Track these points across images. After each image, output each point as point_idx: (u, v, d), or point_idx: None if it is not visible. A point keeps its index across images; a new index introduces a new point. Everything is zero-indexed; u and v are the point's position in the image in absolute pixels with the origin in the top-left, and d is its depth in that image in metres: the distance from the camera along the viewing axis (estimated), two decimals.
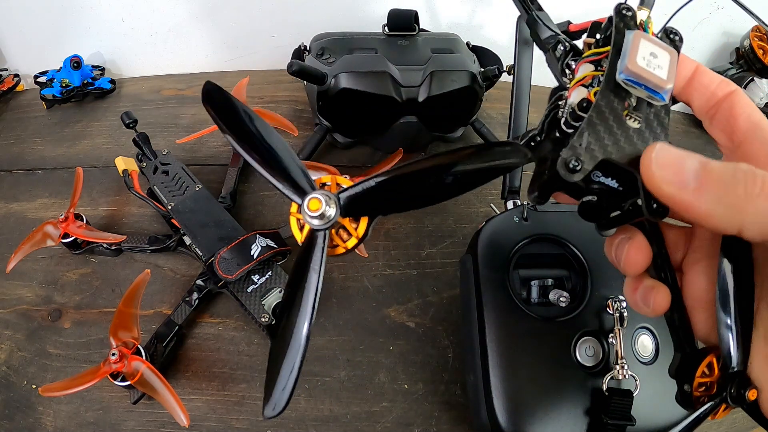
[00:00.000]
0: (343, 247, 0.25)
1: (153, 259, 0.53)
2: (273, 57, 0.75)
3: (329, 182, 0.26)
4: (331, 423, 0.44)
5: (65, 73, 0.68)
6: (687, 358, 0.24)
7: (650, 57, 0.21)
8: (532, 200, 0.25)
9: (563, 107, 0.23)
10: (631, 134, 0.22)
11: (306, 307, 0.23)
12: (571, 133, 0.22)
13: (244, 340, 0.48)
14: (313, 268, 0.23)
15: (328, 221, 0.23)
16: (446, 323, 0.50)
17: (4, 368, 0.46)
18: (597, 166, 0.21)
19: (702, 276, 0.24)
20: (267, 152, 0.26)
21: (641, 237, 0.24)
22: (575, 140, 0.21)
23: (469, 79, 0.57)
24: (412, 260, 0.54)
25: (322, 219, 0.23)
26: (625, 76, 0.21)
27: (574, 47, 0.26)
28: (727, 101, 0.23)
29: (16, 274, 0.51)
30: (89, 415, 0.44)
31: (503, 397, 0.36)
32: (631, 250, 0.24)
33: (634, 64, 0.21)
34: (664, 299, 0.24)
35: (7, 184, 0.60)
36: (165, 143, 0.60)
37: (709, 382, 0.23)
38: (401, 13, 0.60)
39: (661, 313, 0.24)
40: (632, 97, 0.22)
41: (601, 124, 0.21)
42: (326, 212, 0.23)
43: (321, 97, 0.57)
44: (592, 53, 0.23)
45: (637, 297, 0.25)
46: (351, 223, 0.24)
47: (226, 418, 0.44)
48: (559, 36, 0.28)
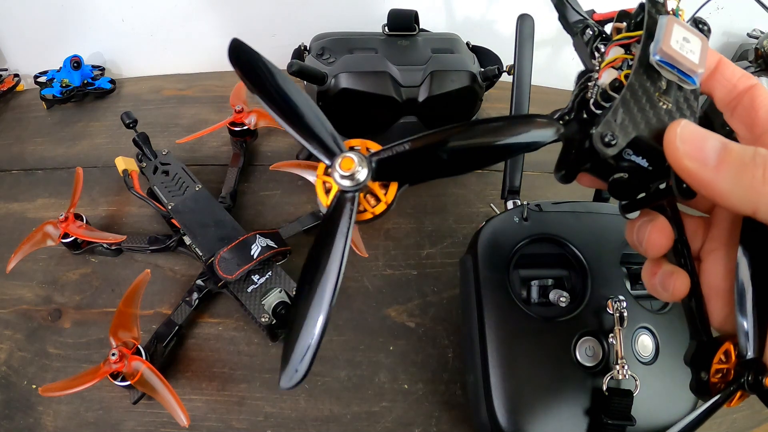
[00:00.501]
0: (371, 213, 0.24)
1: (153, 259, 0.53)
2: (273, 57, 0.74)
3: (359, 146, 0.25)
4: (331, 423, 0.44)
5: (65, 73, 0.68)
6: (703, 345, 0.24)
7: (683, 41, 0.22)
8: (559, 179, 0.25)
9: (592, 88, 0.24)
10: (662, 115, 0.22)
11: (331, 272, 0.22)
12: (601, 113, 0.22)
13: (244, 340, 0.48)
14: (341, 232, 0.22)
15: (359, 184, 0.22)
16: (446, 323, 0.50)
17: (4, 368, 0.46)
18: (629, 143, 0.22)
19: (719, 264, 0.25)
20: (296, 112, 0.25)
21: (663, 219, 0.25)
22: (610, 116, 0.22)
23: (469, 79, 0.57)
24: (412, 260, 0.54)
25: (353, 180, 0.22)
26: (660, 57, 0.22)
27: (602, 32, 0.27)
28: (748, 94, 0.24)
29: (16, 274, 0.51)
30: (89, 415, 0.44)
31: (503, 396, 0.36)
32: (654, 232, 0.25)
33: (668, 46, 0.22)
34: (684, 284, 0.24)
35: (7, 184, 0.60)
36: (165, 143, 0.60)
37: (726, 369, 0.23)
38: (401, 13, 0.60)
39: (679, 299, 0.25)
40: (663, 80, 0.22)
41: (634, 103, 0.22)
42: (357, 173, 0.22)
43: (321, 97, 0.57)
44: (624, 36, 0.24)
45: (656, 281, 0.26)
46: (380, 189, 0.23)
47: (226, 418, 0.44)
48: (587, 21, 0.28)
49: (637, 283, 0.41)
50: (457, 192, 0.61)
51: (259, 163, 0.62)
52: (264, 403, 0.45)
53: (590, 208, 0.43)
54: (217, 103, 0.70)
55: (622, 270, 0.40)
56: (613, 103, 0.22)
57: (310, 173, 0.55)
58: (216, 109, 0.69)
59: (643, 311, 0.38)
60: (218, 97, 0.70)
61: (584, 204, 0.44)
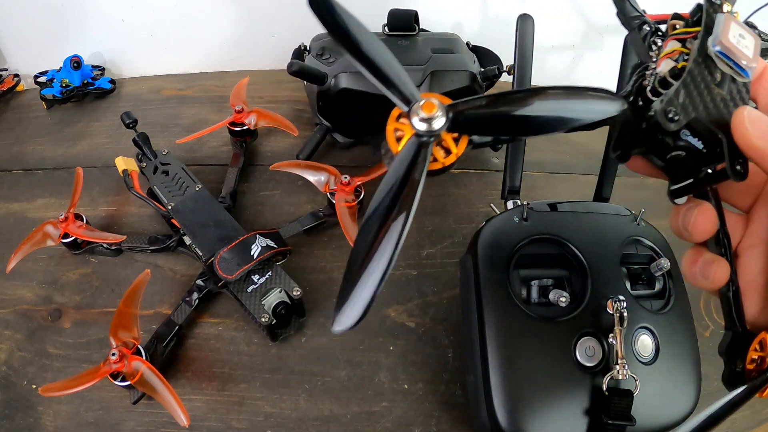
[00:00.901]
0: (441, 164, 0.24)
1: (153, 259, 0.53)
2: (273, 57, 0.75)
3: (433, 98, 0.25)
4: (331, 423, 0.44)
5: (65, 73, 0.68)
6: (739, 335, 0.25)
7: (739, 37, 0.24)
8: (616, 158, 0.27)
9: (650, 77, 0.25)
10: (718, 102, 0.24)
11: (399, 219, 0.22)
12: (660, 98, 0.24)
13: (244, 340, 0.48)
14: (413, 178, 0.22)
15: (435, 131, 0.22)
16: (446, 323, 0.50)
17: (4, 368, 0.46)
18: (686, 124, 0.23)
19: (756, 260, 0.26)
20: (372, 58, 0.25)
21: (708, 205, 0.26)
22: (672, 95, 0.23)
23: (469, 79, 0.57)
24: (412, 260, 0.54)
25: (430, 126, 0.22)
26: (719, 48, 0.23)
27: (658, 29, 0.29)
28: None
29: (16, 274, 0.51)
30: (89, 415, 0.44)
31: (503, 397, 0.36)
32: (699, 217, 0.26)
33: (727, 39, 0.23)
34: (724, 273, 0.26)
35: (7, 184, 0.60)
36: (165, 143, 0.60)
37: (760, 358, 0.24)
38: (401, 13, 0.60)
39: (718, 287, 0.26)
40: (717, 72, 0.24)
41: (694, 88, 0.24)
42: (435, 120, 0.22)
43: (321, 97, 0.57)
44: (683, 31, 0.26)
45: (696, 270, 0.27)
46: (452, 141, 0.24)
47: (226, 418, 0.44)
48: (644, 17, 0.31)
49: (637, 283, 0.41)
50: (457, 192, 0.61)
51: (259, 163, 0.62)
52: (264, 403, 0.45)
53: (590, 208, 0.43)
54: (217, 103, 0.70)
55: (622, 270, 0.40)
56: (675, 84, 0.23)
57: (310, 173, 0.55)
58: (216, 109, 0.69)
59: (643, 311, 0.38)
60: (218, 97, 0.70)
61: (584, 204, 0.44)
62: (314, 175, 0.54)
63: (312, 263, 0.53)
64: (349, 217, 0.51)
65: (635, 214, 0.43)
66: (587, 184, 0.65)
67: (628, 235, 0.41)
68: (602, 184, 0.47)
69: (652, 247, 0.42)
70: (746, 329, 0.25)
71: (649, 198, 0.66)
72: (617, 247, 0.40)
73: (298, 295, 0.46)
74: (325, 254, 0.54)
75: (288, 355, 0.48)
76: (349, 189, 0.53)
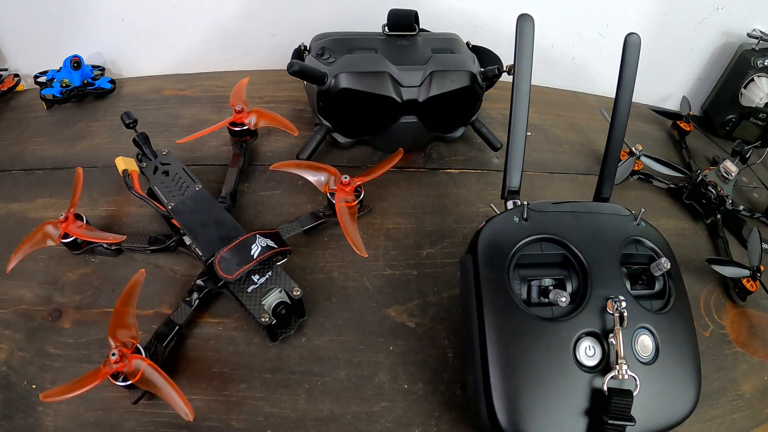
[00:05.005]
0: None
1: (153, 259, 0.53)
2: (273, 57, 0.75)
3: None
4: (331, 423, 0.44)
5: (65, 73, 0.68)
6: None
7: None
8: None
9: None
10: None
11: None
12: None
13: (244, 340, 0.48)
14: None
15: None
16: (446, 323, 0.50)
17: (4, 368, 0.46)
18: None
19: None
20: None
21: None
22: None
23: (469, 79, 0.57)
24: (412, 260, 0.54)
25: None
26: None
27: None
28: None
29: (16, 274, 0.51)
30: (89, 415, 0.44)
31: (503, 396, 0.36)
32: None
33: None
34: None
35: (7, 184, 0.60)
36: (165, 143, 0.60)
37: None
38: (401, 13, 0.60)
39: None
40: None
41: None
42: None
43: (321, 97, 0.57)
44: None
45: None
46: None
47: (226, 418, 0.44)
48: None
49: (637, 283, 0.41)
50: (457, 192, 0.61)
51: (259, 163, 0.62)
52: (264, 403, 0.45)
53: (590, 208, 0.43)
54: (217, 103, 0.70)
55: (622, 270, 0.40)
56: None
57: (310, 173, 0.55)
58: (216, 109, 0.69)
59: (643, 311, 0.38)
60: (218, 97, 0.71)
61: (584, 204, 0.44)
62: (314, 175, 0.54)
63: (312, 263, 0.53)
64: (349, 217, 0.51)
65: (635, 214, 0.43)
66: (587, 184, 0.65)
67: (628, 235, 0.41)
68: (602, 184, 0.48)
69: (652, 247, 0.42)
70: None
71: (649, 198, 0.67)
72: (617, 247, 0.40)
73: (298, 295, 0.46)
74: (325, 254, 0.54)
75: (288, 355, 0.48)
76: (349, 189, 0.53)
